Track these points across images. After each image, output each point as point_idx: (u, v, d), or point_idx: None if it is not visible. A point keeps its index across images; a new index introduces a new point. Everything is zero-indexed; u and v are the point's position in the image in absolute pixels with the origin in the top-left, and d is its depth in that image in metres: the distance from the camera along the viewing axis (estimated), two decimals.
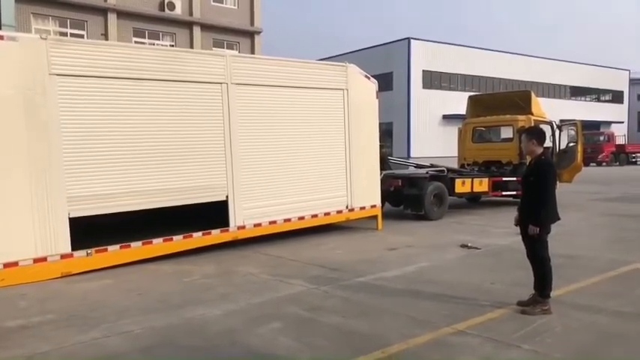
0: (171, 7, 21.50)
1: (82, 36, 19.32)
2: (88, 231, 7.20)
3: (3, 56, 6.19)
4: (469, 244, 8.40)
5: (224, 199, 8.05)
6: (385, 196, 11.06)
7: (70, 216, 6.68)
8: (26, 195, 6.34)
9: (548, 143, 12.43)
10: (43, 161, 6.45)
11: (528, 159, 5.57)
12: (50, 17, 19.23)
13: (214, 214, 8.15)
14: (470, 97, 15.39)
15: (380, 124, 10.51)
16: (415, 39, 36.99)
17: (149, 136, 7.33)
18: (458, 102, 31.25)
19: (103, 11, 20.22)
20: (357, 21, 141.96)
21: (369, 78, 10.06)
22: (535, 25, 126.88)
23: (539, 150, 5.12)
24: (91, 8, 19.89)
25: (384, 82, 29.16)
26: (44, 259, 6.48)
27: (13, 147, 6.28)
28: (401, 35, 38.86)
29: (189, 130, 7.70)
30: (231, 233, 8.15)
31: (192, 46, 21.84)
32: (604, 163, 37.09)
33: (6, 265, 6.21)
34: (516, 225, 5.25)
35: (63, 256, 6.63)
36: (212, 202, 8.03)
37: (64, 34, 18.75)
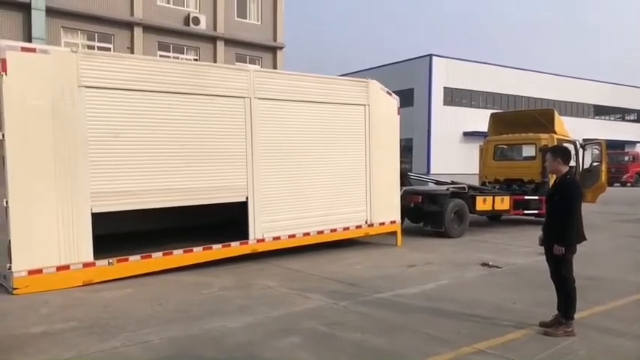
0: (196, 21, 21.87)
1: (108, 49, 19.72)
2: (110, 242, 7.31)
3: (35, 68, 6.36)
4: (490, 263, 8.29)
5: (244, 199, 8.12)
6: (405, 212, 11.00)
7: (93, 211, 6.77)
8: (52, 203, 6.46)
9: (571, 162, 12.26)
10: (69, 169, 6.57)
11: (551, 178, 5.50)
12: (79, 31, 19.69)
13: (234, 229, 8.23)
14: (492, 115, 15.31)
15: (400, 139, 10.50)
16: (437, 55, 36.97)
17: (173, 142, 7.44)
18: (479, 119, 31.15)
19: (129, 25, 20.65)
20: (378, 38, 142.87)
21: (390, 94, 10.08)
22: (559, 42, 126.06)
23: (565, 169, 5.06)
24: (118, 22, 20.34)
25: (405, 98, 29.13)
26: (67, 267, 6.59)
27: (41, 157, 6.40)
28: (423, 52, 38.81)
29: (214, 139, 7.82)
30: (251, 246, 8.18)
31: (215, 61, 22.14)
32: (628, 184, 36.33)
33: (30, 273, 6.32)
34: (541, 245, 5.17)
35: (85, 265, 6.73)
36: (231, 217, 8.12)
37: (92, 47, 19.17)
